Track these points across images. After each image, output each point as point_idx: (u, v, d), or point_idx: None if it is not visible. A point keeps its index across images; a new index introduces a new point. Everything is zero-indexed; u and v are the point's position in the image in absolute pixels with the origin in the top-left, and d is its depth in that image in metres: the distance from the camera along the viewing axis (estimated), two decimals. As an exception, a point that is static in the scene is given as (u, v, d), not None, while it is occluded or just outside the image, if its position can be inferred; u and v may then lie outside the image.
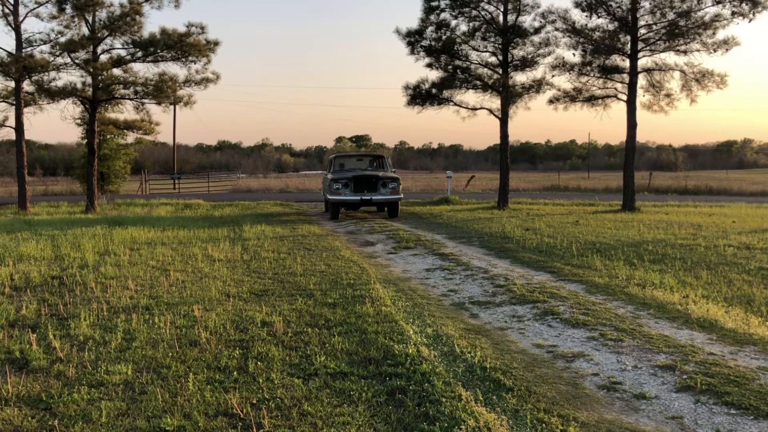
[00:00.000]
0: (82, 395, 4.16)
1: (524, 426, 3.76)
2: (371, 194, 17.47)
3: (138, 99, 20.75)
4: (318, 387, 4.34)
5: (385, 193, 17.64)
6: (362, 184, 17.48)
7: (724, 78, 19.53)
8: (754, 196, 31.02)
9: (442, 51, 20.81)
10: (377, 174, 17.79)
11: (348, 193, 17.41)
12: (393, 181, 17.83)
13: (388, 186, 17.69)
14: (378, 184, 17.61)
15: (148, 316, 6.21)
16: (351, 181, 17.45)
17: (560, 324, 6.15)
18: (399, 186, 17.98)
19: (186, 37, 20.01)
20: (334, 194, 17.47)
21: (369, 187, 17.51)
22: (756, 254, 10.35)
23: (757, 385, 4.41)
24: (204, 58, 20.50)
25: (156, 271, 8.71)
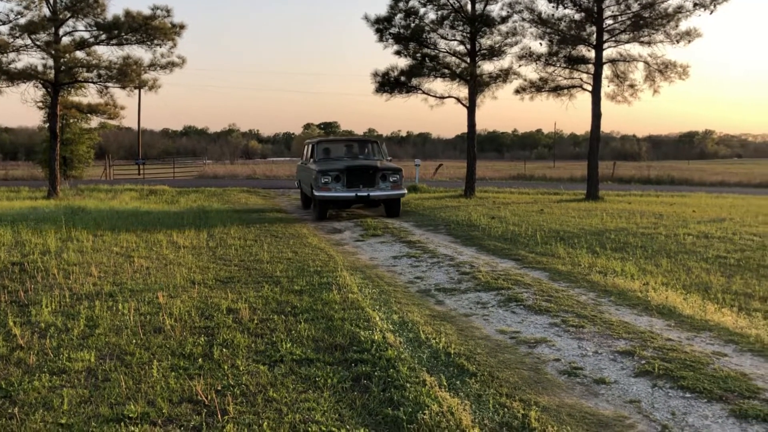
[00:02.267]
0: (43, 383, 4.11)
1: (487, 410, 3.83)
2: (368, 189, 14.14)
3: (102, 83, 20.33)
4: (284, 373, 4.36)
5: (386, 188, 14.37)
6: (357, 176, 14.12)
7: (686, 69, 19.88)
8: (714, 186, 31.73)
9: (411, 39, 20.77)
10: (375, 164, 14.47)
11: (340, 188, 14.04)
12: (394, 173, 14.52)
13: (389, 179, 14.40)
14: (376, 177, 14.26)
15: (111, 302, 6.15)
16: (343, 174, 14.05)
17: (523, 310, 6.25)
18: (402, 179, 14.68)
19: (151, 20, 19.64)
20: (322, 190, 13.99)
21: (365, 181, 14.16)
22: (714, 243, 10.61)
23: (711, 370, 4.55)
24: (169, 41, 20.15)
25: (120, 258, 8.60)
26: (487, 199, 20.22)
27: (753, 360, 4.82)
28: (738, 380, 4.34)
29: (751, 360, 4.82)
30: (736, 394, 4.11)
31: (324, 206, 14.49)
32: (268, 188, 26.77)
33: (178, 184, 29.28)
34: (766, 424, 3.70)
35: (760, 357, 4.88)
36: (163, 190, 24.11)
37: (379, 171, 14.32)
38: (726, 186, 32.37)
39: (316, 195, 14.19)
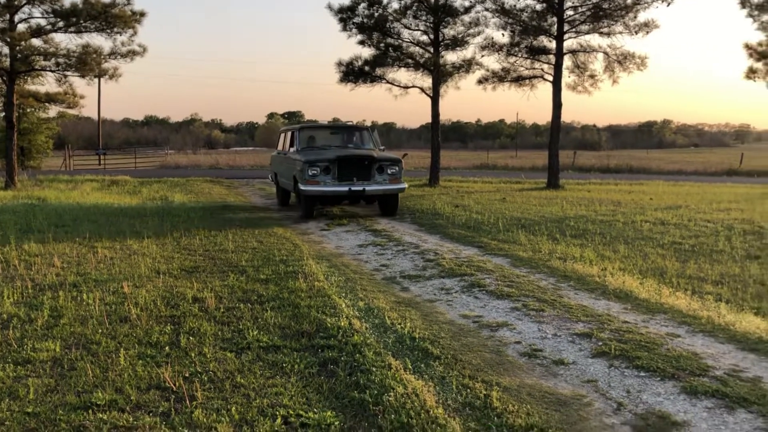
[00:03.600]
0: (7, 373, 4.10)
1: (450, 391, 3.94)
2: (363, 183, 12.24)
3: (60, 71, 19.93)
4: (251, 360, 4.42)
5: (383, 182, 12.44)
6: (350, 168, 12.22)
7: (644, 60, 20.31)
8: (671, 175, 32.47)
9: (374, 28, 20.80)
10: (371, 154, 12.52)
11: (330, 181, 12.10)
12: (393, 164, 12.59)
13: (387, 171, 12.49)
14: (372, 169, 12.35)
15: (75, 293, 6.11)
16: (334, 165, 12.13)
17: (486, 296, 6.39)
18: (402, 171, 12.75)
19: (110, 7, 19.28)
20: (309, 184, 12.07)
21: (360, 174, 12.25)
22: (670, 229, 10.93)
23: (665, 350, 4.74)
24: (130, 29, 19.82)
25: (83, 248, 8.52)
26: (451, 188, 20.41)
27: (704, 340, 5.03)
28: (690, 359, 4.54)
29: (703, 340, 5.03)
30: (687, 372, 4.29)
31: (311, 203, 12.56)
32: (231, 178, 26.58)
33: (140, 175, 28.87)
34: (714, 399, 3.88)
35: (710, 337, 5.10)
36: (124, 181, 23.77)
37: (376, 162, 12.37)
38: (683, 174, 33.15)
39: (302, 189, 12.17)
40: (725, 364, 4.49)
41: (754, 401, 3.83)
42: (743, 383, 4.12)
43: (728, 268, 7.85)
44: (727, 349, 4.81)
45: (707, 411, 3.73)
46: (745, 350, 4.79)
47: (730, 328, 5.29)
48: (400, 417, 3.50)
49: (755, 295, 6.53)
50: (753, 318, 5.67)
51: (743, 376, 4.27)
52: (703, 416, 3.67)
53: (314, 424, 3.46)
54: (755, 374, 4.30)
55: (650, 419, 3.63)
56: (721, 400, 3.87)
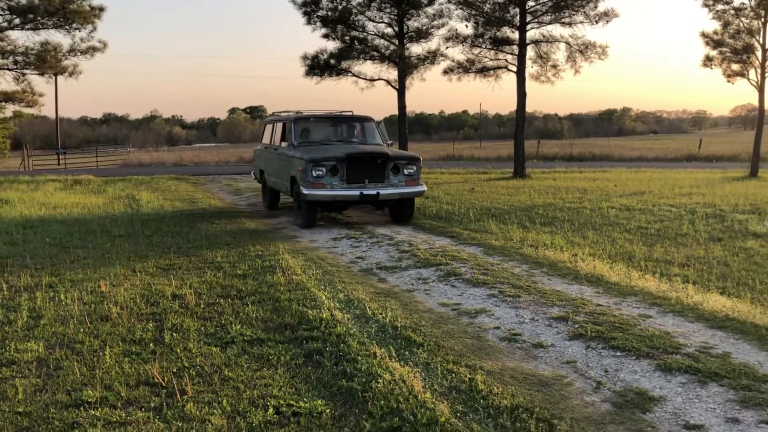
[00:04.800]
0: (-7, 374, 4.09)
1: (436, 376, 4.05)
2: (377, 186, 10.37)
3: (18, 69, 19.53)
4: (236, 354, 4.47)
5: (399, 184, 10.56)
6: (361, 168, 10.36)
7: (605, 49, 20.69)
8: (633, 162, 33.10)
9: (339, 21, 20.80)
10: (385, 152, 10.68)
11: (337, 184, 10.24)
12: (410, 162, 10.77)
13: (403, 171, 10.63)
14: (386, 169, 10.49)
15: (53, 293, 6.07)
16: (343, 164, 10.24)
17: (463, 284, 6.53)
18: (420, 171, 10.96)
19: (69, 3, 18.96)
20: (312, 187, 10.15)
21: (372, 174, 10.40)
22: (635, 215, 11.22)
23: (638, 330, 4.92)
24: (89, 25, 19.53)
25: (54, 249, 8.42)
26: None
27: (674, 320, 5.23)
28: (662, 338, 4.73)
29: (673, 320, 5.23)
30: (661, 351, 4.48)
31: (313, 209, 10.49)
32: (197, 175, 26.33)
33: (103, 173, 28.41)
34: (687, 375, 4.06)
35: (680, 317, 5.30)
36: (88, 180, 23.36)
37: (391, 160, 10.49)
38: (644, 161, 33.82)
39: (304, 194, 10.15)
40: (696, 341, 4.69)
41: (724, 375, 4.02)
42: (713, 359, 4.31)
43: (693, 250, 8.12)
44: (696, 328, 5.01)
45: (681, 386, 3.91)
46: (714, 328, 5.00)
47: (699, 308, 5.51)
48: (389, 402, 3.60)
49: (720, 276, 6.78)
50: (719, 297, 5.90)
51: (713, 352, 4.46)
52: (678, 391, 3.84)
53: (305, 412, 3.53)
54: (724, 350, 4.50)
55: (628, 396, 3.78)
56: (694, 375, 4.05)
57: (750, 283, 6.46)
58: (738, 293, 6.09)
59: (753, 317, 5.23)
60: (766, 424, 3.41)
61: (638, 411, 3.59)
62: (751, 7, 20.64)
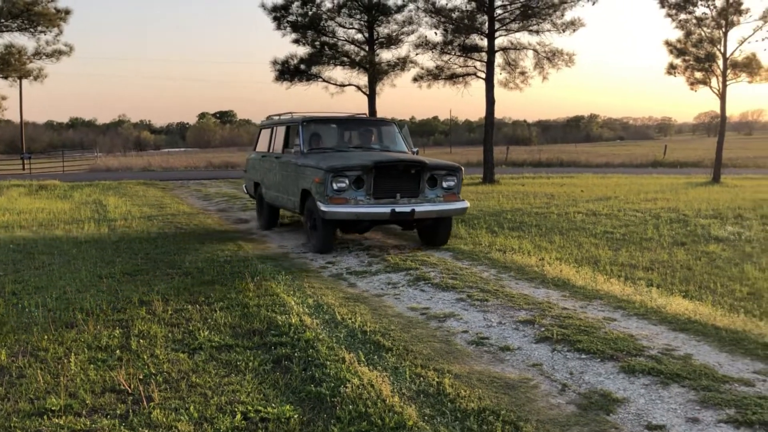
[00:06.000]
0: (-46, 383, 4.01)
1: (404, 380, 4.08)
2: (411, 202, 8.50)
3: (-19, 73, 19.17)
4: (204, 360, 4.44)
5: (436, 200, 8.68)
6: (392, 180, 8.47)
7: (572, 57, 21.01)
8: (599, 167, 33.59)
9: (309, 27, 20.81)
10: (421, 160, 8.72)
11: (363, 199, 8.36)
12: (450, 173, 8.88)
13: (441, 184, 8.77)
14: (422, 181, 8.60)
15: (15, 300, 5.96)
16: (369, 175, 8.35)
17: (432, 288, 6.57)
18: (461, 183, 9.06)
19: (33, 5, 18.67)
20: (333, 203, 8.26)
21: (405, 187, 8.52)
22: (601, 219, 11.41)
23: (603, 333, 5.01)
24: (55, 28, 19.24)
25: (18, 255, 8.27)
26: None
27: (638, 323, 5.34)
28: (626, 341, 4.82)
29: (637, 323, 5.33)
30: (625, 353, 4.56)
31: (331, 230, 8.64)
32: (165, 180, 26.07)
33: (70, 179, 27.97)
34: (650, 376, 4.15)
35: (644, 320, 5.41)
36: (53, 185, 22.99)
37: (427, 170, 8.62)
38: (611, 167, 34.34)
39: (322, 211, 8.22)
40: (659, 344, 4.79)
41: (685, 376, 4.11)
42: (675, 360, 4.41)
43: (657, 254, 8.28)
44: (659, 330, 5.12)
45: (644, 387, 3.99)
46: (676, 330, 5.11)
47: (662, 311, 5.62)
48: (357, 407, 3.61)
49: (683, 279, 6.94)
50: (682, 300, 6.03)
51: (675, 354, 4.56)
52: (641, 392, 3.92)
53: (274, 418, 3.53)
54: (686, 352, 4.61)
55: (593, 398, 3.85)
56: (657, 377, 4.13)
57: (712, 287, 6.62)
58: (700, 296, 6.24)
59: (714, 320, 5.36)
60: (725, 423, 3.50)
61: (602, 412, 3.65)
62: (712, 17, 21.16)
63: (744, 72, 21.46)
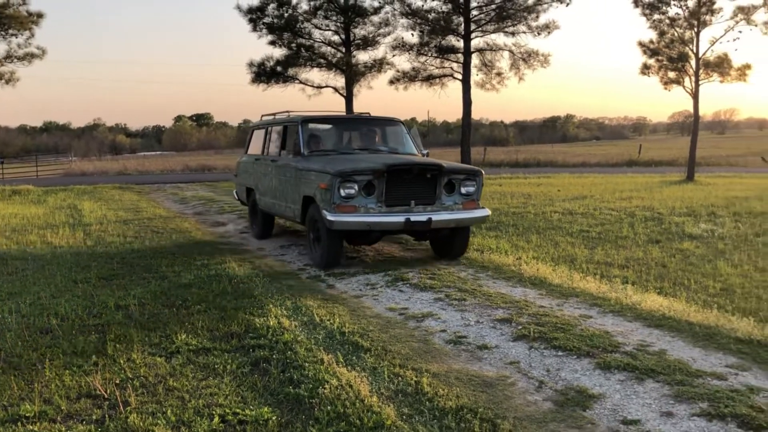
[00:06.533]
0: (-75, 391, 3.94)
1: (383, 380, 4.09)
2: (427, 210, 7.65)
3: (-49, 76, 18.86)
4: (182, 363, 4.42)
5: (455, 207, 7.83)
6: (405, 185, 7.62)
7: (547, 58, 21.16)
8: (576, 167, 33.88)
9: (285, 29, 20.75)
10: (438, 163, 7.86)
11: (374, 206, 7.49)
12: (470, 177, 8.01)
13: (460, 190, 7.92)
14: (438, 186, 7.75)
15: (-12, 306, 5.87)
16: (381, 180, 7.49)
17: (410, 288, 6.59)
18: (481, 188, 8.16)
19: (4, 8, 18.42)
20: (340, 211, 7.37)
21: (420, 194, 7.68)
22: (577, 218, 11.52)
23: (579, 330, 5.06)
24: (26, 31, 18.99)
25: (-11, 261, 8.15)
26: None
27: (614, 319, 5.40)
28: (602, 337, 4.87)
29: (612, 320, 5.40)
30: (600, 350, 4.62)
31: (338, 241, 7.73)
32: (141, 184, 25.84)
33: (44, 183, 27.62)
34: (625, 372, 4.20)
35: (619, 317, 5.47)
36: (27, 190, 22.67)
37: (444, 175, 7.77)
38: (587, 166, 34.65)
39: (329, 220, 7.31)
40: (634, 340, 4.85)
41: (660, 372, 4.17)
42: (650, 356, 4.47)
43: (632, 252, 8.39)
44: (634, 327, 5.19)
45: (620, 383, 4.04)
46: (651, 327, 5.19)
47: (637, 308, 5.70)
48: (336, 407, 3.62)
49: (657, 276, 7.03)
50: (656, 297, 6.11)
51: (650, 350, 4.63)
52: (616, 388, 3.97)
53: (252, 420, 3.52)
54: (660, 348, 4.67)
55: (569, 394, 3.89)
56: (632, 372, 4.19)
57: (686, 283, 6.72)
58: (674, 293, 6.33)
59: (688, 315, 5.44)
60: (698, 416, 3.55)
61: (578, 408, 3.69)
62: (685, 17, 21.48)
63: (716, 72, 21.80)
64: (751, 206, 13.17)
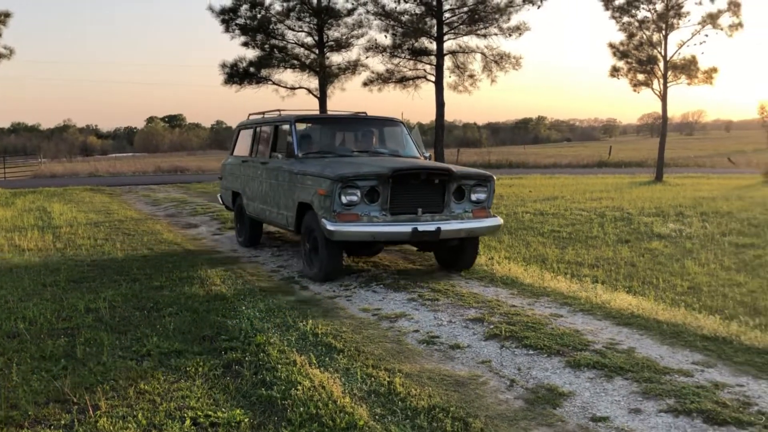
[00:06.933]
0: None
1: (356, 381, 4.10)
2: (435, 218, 7.03)
3: None
4: (153, 366, 4.38)
5: (465, 215, 7.20)
6: (412, 191, 7.02)
7: (519, 60, 21.32)
8: (547, 168, 34.24)
9: (258, 30, 20.62)
10: (447, 167, 7.29)
11: (378, 214, 6.86)
12: (481, 183, 7.38)
13: (470, 197, 7.29)
14: (447, 193, 7.13)
15: (-47, 311, 5.76)
16: (386, 185, 6.87)
17: (384, 289, 6.61)
18: (492, 195, 7.53)
19: (-31, 8, 18.05)
20: (342, 220, 6.73)
21: (428, 201, 7.07)
22: (548, 219, 11.64)
23: (549, 329, 5.13)
24: (-7, 31, 18.64)
25: (-45, 265, 7.99)
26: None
27: (584, 318, 5.48)
28: (572, 336, 4.94)
29: (582, 318, 5.48)
30: (570, 348, 4.68)
31: (338, 252, 7.08)
32: (113, 186, 25.53)
33: (12, 185, 27.13)
34: (595, 370, 4.27)
35: (589, 315, 5.55)
36: (-7, 192, 22.27)
37: (454, 179, 7.14)
38: (558, 167, 35.03)
39: (329, 230, 6.66)
40: (603, 338, 4.93)
41: (629, 369, 4.25)
42: (619, 354, 4.55)
43: (602, 252, 8.51)
44: (604, 325, 5.27)
45: (589, 381, 4.10)
46: (620, 325, 5.27)
47: (606, 306, 5.79)
48: (308, 409, 3.62)
49: (627, 275, 7.15)
50: (625, 296, 6.21)
51: (619, 348, 4.70)
52: (586, 386, 4.03)
53: (224, 422, 3.51)
54: (629, 345, 4.75)
55: (540, 392, 3.94)
56: (601, 370, 4.26)
57: (654, 282, 6.84)
58: (643, 291, 6.44)
59: (656, 314, 5.54)
60: (665, 412, 3.62)
61: (549, 406, 3.74)
62: (653, 20, 21.81)
63: (683, 74, 22.17)
64: (718, 206, 13.43)
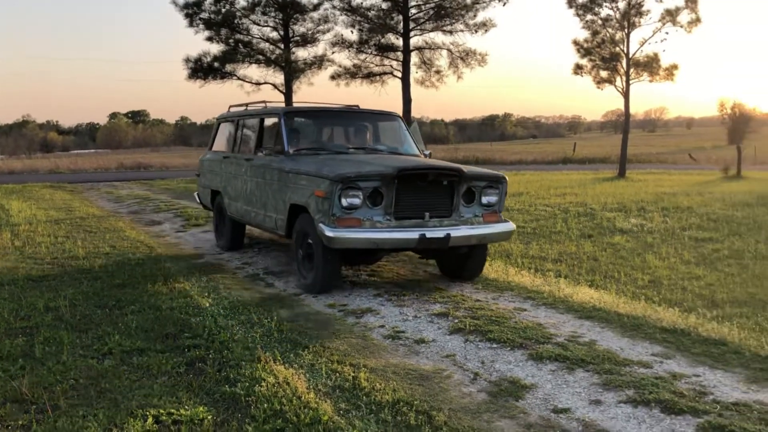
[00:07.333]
0: None
1: (320, 377, 4.10)
2: (443, 223, 6.27)
3: None
4: (115, 365, 4.32)
5: (475, 220, 6.47)
6: (419, 194, 6.24)
7: (484, 57, 21.52)
8: (513, 165, 34.54)
9: (222, 24, 20.46)
10: (457, 167, 6.41)
11: (381, 219, 6.06)
12: (492, 185, 6.61)
13: (480, 199, 6.54)
14: (456, 196, 6.36)
15: None
16: (391, 187, 6.05)
17: (350, 285, 6.61)
18: (504, 197, 6.80)
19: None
20: (342, 225, 5.94)
21: (436, 204, 6.30)
22: (514, 215, 11.75)
23: (513, 323, 5.19)
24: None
25: None
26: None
27: (547, 312, 5.55)
28: (535, 329, 5.01)
29: (545, 312, 5.55)
30: (533, 341, 4.74)
31: (336, 261, 6.32)
32: (74, 182, 25.06)
33: (-33, 182, 26.48)
34: (557, 362, 4.33)
35: (552, 309, 5.63)
36: (-51, 190, 21.69)
37: (464, 181, 6.40)
38: (523, 164, 35.39)
39: (328, 236, 5.90)
40: (565, 331, 5.00)
41: (590, 361, 4.32)
42: (581, 347, 4.62)
43: (566, 246, 8.63)
44: (566, 319, 5.35)
45: (551, 373, 4.16)
46: (582, 318, 5.36)
47: (569, 300, 5.87)
48: (272, 405, 3.61)
49: (589, 270, 7.26)
50: (588, 290, 6.32)
51: (581, 340, 4.78)
52: (548, 378, 4.09)
53: (187, 420, 3.47)
54: (591, 338, 4.83)
55: (503, 385, 3.98)
56: (563, 363, 4.32)
57: (616, 276, 6.96)
58: (605, 285, 6.55)
59: (617, 307, 5.64)
60: (624, 403, 3.69)
61: (512, 399, 3.79)
62: (616, 18, 22.15)
63: (645, 71, 22.57)
64: (679, 201, 13.71)
